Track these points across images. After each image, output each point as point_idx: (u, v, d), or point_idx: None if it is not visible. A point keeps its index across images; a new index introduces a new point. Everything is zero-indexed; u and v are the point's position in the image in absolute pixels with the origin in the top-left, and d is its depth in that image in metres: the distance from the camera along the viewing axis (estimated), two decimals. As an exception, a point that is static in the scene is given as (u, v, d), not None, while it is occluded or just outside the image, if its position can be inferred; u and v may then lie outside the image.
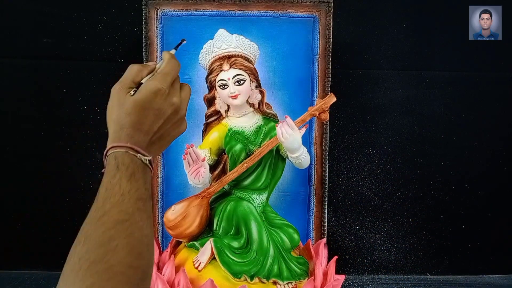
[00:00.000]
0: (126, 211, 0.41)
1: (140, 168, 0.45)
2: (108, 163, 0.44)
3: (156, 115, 0.47)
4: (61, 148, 1.12)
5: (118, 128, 0.46)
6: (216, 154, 0.93)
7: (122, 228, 0.40)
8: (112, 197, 0.42)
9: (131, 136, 0.45)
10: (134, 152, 0.45)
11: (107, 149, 0.45)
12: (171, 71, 0.50)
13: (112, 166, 0.44)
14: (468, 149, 1.16)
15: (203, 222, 0.88)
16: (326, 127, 1.04)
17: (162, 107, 0.48)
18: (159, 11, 1.01)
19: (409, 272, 1.19)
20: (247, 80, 0.88)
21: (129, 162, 0.44)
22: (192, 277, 0.82)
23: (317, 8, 1.01)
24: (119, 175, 0.43)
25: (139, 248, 0.40)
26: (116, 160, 0.44)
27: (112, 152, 0.45)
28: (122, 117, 0.46)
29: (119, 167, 0.43)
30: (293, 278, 0.85)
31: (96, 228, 0.40)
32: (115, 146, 0.45)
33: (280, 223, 0.91)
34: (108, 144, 0.46)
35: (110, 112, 0.47)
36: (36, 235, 1.14)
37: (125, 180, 0.43)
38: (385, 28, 1.12)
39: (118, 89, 0.48)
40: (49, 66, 1.10)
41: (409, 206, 1.18)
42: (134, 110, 0.46)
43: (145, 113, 0.46)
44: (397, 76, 1.13)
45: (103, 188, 0.43)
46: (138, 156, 0.45)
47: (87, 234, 0.39)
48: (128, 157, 0.44)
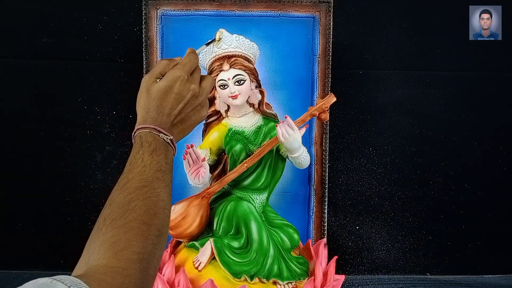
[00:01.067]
0: (146, 179, 0.47)
1: (162, 146, 0.51)
2: (134, 142, 0.51)
3: (175, 99, 0.54)
4: (61, 148, 1.13)
5: (144, 112, 0.53)
6: (216, 154, 0.93)
7: (141, 192, 0.46)
8: (135, 168, 0.48)
9: (155, 118, 0.52)
10: (157, 132, 0.51)
11: (134, 130, 0.52)
12: (189, 62, 0.57)
13: (137, 144, 0.51)
14: (468, 149, 1.16)
15: (203, 222, 0.88)
16: (326, 127, 1.04)
17: (181, 92, 0.54)
18: (159, 11, 1.01)
19: (409, 272, 1.19)
20: (247, 80, 0.88)
21: (152, 140, 0.51)
22: (192, 277, 0.82)
23: (317, 8, 1.01)
24: (142, 150, 0.50)
25: (155, 209, 0.46)
26: (141, 139, 0.51)
27: (138, 133, 0.51)
28: (148, 102, 0.53)
29: (143, 144, 0.50)
30: (293, 278, 0.85)
31: (120, 193, 0.46)
32: (141, 128, 0.52)
33: (280, 223, 0.91)
34: (135, 127, 0.53)
35: (139, 99, 0.54)
36: (36, 235, 1.14)
37: (147, 155, 0.49)
38: (385, 28, 1.12)
39: (147, 79, 0.55)
40: (49, 66, 1.10)
41: (409, 206, 1.18)
42: (158, 95, 0.53)
43: (167, 97, 0.53)
44: (397, 76, 1.14)
45: (128, 162, 0.49)
46: (161, 135, 0.51)
47: (112, 199, 0.46)
48: (151, 136, 0.51)
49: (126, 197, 0.45)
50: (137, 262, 0.41)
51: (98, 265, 0.39)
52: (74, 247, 1.16)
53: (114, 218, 0.43)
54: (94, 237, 0.42)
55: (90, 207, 1.13)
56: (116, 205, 0.45)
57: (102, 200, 1.10)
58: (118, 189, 0.47)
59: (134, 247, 0.41)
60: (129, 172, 0.48)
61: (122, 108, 1.11)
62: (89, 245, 0.42)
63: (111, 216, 0.43)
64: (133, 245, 0.41)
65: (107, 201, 0.46)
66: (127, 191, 0.46)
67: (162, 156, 0.51)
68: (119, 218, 0.43)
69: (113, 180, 1.11)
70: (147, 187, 0.47)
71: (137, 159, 0.49)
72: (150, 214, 0.45)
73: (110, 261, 0.39)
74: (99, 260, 0.40)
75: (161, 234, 0.46)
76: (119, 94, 1.11)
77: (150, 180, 0.48)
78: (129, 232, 0.42)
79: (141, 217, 0.44)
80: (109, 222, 0.43)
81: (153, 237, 0.44)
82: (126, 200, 0.45)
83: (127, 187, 0.46)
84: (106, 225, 0.43)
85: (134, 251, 0.41)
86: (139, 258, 0.41)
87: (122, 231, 0.42)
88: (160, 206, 0.47)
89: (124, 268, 0.39)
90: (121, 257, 0.40)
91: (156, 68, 0.57)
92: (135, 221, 0.43)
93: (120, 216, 0.43)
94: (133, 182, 0.47)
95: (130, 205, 0.44)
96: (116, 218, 0.43)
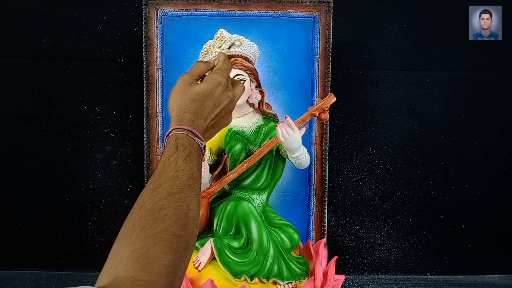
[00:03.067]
0: (178, 185, 0.45)
1: (196, 151, 0.50)
2: (169, 142, 0.49)
3: (214, 103, 0.53)
4: (61, 148, 1.13)
5: (181, 112, 0.51)
6: (216, 154, 0.93)
7: (173, 199, 0.44)
8: (168, 172, 0.46)
9: (192, 121, 0.51)
10: (193, 136, 0.50)
11: (170, 129, 0.50)
12: (228, 68, 0.57)
13: (172, 146, 0.49)
14: (468, 149, 1.16)
15: (203, 222, 0.88)
16: (326, 127, 1.04)
17: (221, 98, 0.54)
18: (159, 11, 1.01)
19: (409, 272, 1.19)
20: (247, 80, 0.88)
21: (187, 144, 0.49)
22: (192, 277, 0.82)
23: (317, 8, 1.01)
24: (177, 154, 0.48)
25: (185, 219, 0.44)
26: (177, 141, 0.49)
27: (174, 133, 0.50)
28: (186, 103, 0.52)
29: (178, 147, 0.48)
30: (293, 278, 0.85)
31: (151, 198, 0.44)
32: (178, 128, 0.50)
33: (280, 223, 0.91)
34: (171, 126, 0.51)
35: (175, 97, 0.53)
36: (36, 235, 1.14)
37: (181, 159, 0.47)
38: (385, 28, 1.12)
39: (187, 79, 0.54)
40: (49, 66, 1.10)
41: (409, 206, 1.18)
42: (198, 97, 0.52)
43: (207, 101, 0.53)
44: (397, 76, 1.14)
45: (161, 164, 0.47)
46: (196, 140, 0.50)
47: (142, 203, 0.44)
48: (187, 139, 0.49)
49: (157, 203, 0.43)
50: (165, 276, 0.40)
51: (125, 277, 0.38)
52: (74, 247, 1.17)
53: (144, 226, 0.42)
54: (123, 243, 0.41)
55: (90, 207, 1.13)
56: (146, 210, 0.43)
57: (102, 200, 1.11)
58: (148, 192, 0.45)
59: (163, 259, 0.40)
60: (160, 175, 0.46)
61: (122, 108, 1.11)
62: (116, 251, 0.41)
63: (141, 223, 0.42)
64: (162, 258, 0.40)
65: (136, 203, 0.45)
66: (158, 196, 0.44)
67: (195, 162, 0.49)
68: (149, 226, 0.42)
69: (113, 180, 1.12)
70: (179, 194, 0.45)
71: (170, 162, 0.47)
72: (180, 224, 0.43)
73: (138, 274, 0.39)
74: (127, 271, 0.39)
75: (189, 246, 0.44)
76: (119, 94, 1.11)
77: (182, 187, 0.46)
78: (159, 243, 0.41)
79: (172, 227, 0.42)
80: (139, 230, 0.41)
81: (181, 249, 0.43)
82: (157, 207, 0.43)
83: (158, 191, 0.45)
84: (136, 232, 0.41)
85: (163, 264, 0.40)
86: (167, 272, 0.40)
87: (152, 242, 0.41)
88: (190, 217, 0.45)
89: (152, 282, 0.39)
90: (149, 270, 0.39)
91: (195, 69, 0.56)
92: (165, 232, 0.42)
93: (151, 224, 0.42)
94: (165, 187, 0.45)
95: (161, 213, 0.43)
96: (146, 226, 0.42)
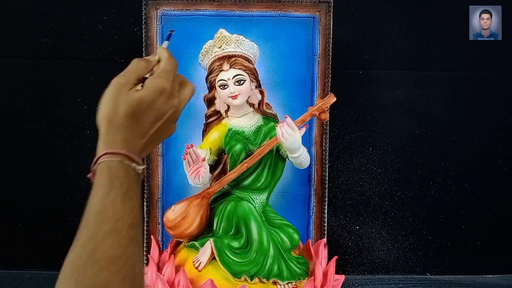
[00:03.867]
0: (120, 243, 0.36)
1: (134, 182, 0.40)
2: (100, 174, 0.39)
3: (156, 116, 0.44)
4: (61, 148, 1.13)
5: (114, 129, 0.42)
6: (216, 154, 0.93)
7: (116, 268, 0.35)
8: (105, 223, 0.36)
9: (128, 140, 0.41)
10: (129, 162, 0.40)
11: (99, 154, 0.41)
12: (173, 69, 0.46)
13: (105, 179, 0.39)
14: (468, 149, 1.16)
15: (203, 222, 0.88)
16: (326, 127, 1.04)
17: (163, 108, 0.44)
18: (159, 11, 1.01)
19: (409, 272, 1.19)
20: (247, 80, 0.88)
21: (124, 175, 0.39)
22: (192, 277, 0.82)
23: (317, 8, 1.01)
24: (113, 194, 0.38)
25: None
26: (110, 172, 0.39)
27: (107, 161, 0.40)
28: (121, 117, 0.42)
29: (114, 182, 0.38)
30: (293, 278, 0.85)
31: (89, 266, 0.34)
32: (110, 153, 0.40)
33: (280, 223, 0.91)
34: (100, 148, 0.41)
35: (106, 108, 0.42)
36: (36, 235, 1.14)
37: (119, 201, 0.37)
38: (385, 28, 1.12)
39: (122, 83, 0.43)
40: (49, 66, 1.10)
41: (409, 206, 1.18)
42: (135, 110, 0.42)
43: (147, 114, 0.43)
44: (397, 76, 1.14)
45: (95, 207, 0.37)
46: (133, 165, 0.41)
47: (79, 274, 0.34)
48: (123, 168, 0.40)
49: (98, 276, 0.34)
50: None
51: None
52: (74, 247, 1.17)
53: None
54: None
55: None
56: (86, 287, 0.33)
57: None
58: (84, 256, 0.35)
59: None
60: (96, 227, 0.36)
61: (122, 108, 1.11)
62: None
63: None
64: None
65: (68, 270, 0.35)
66: (98, 265, 0.34)
67: (135, 199, 0.39)
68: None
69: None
70: (123, 258, 0.35)
71: (107, 208, 0.37)
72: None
73: None
74: None
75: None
76: (119, 94, 1.11)
77: (125, 245, 0.36)
78: None
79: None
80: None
81: None
82: (98, 281, 0.34)
83: (97, 257, 0.35)
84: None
85: None
86: None
87: None
88: (137, 284, 0.36)
89: None
90: None
91: (132, 70, 0.45)
92: None
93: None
94: (104, 249, 0.35)
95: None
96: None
